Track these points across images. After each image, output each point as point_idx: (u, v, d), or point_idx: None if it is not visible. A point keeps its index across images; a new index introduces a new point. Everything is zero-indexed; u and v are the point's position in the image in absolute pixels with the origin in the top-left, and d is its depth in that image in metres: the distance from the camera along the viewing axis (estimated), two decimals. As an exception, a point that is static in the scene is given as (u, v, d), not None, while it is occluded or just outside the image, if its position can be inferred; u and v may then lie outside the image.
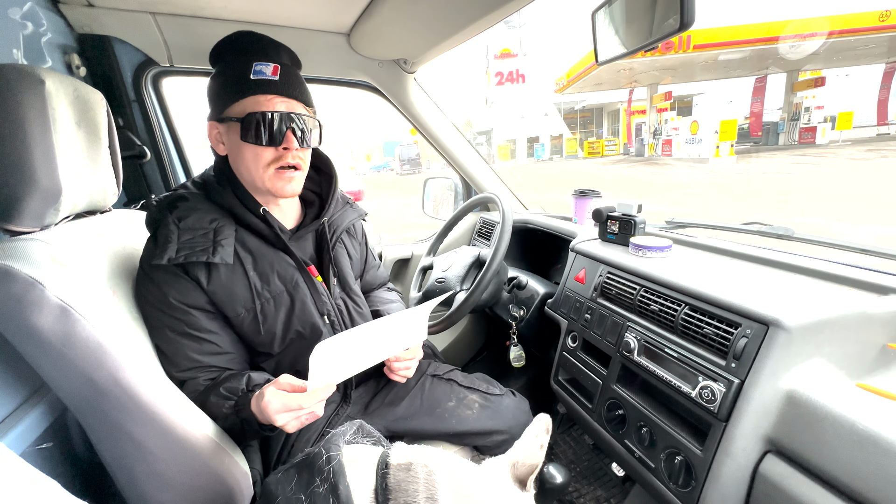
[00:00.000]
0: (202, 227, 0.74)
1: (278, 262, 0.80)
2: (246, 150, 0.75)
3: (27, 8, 0.92)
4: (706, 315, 0.74)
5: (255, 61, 0.74)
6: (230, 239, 0.75)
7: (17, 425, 0.59)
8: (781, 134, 17.52)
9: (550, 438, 1.54)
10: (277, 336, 0.81)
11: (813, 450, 0.57)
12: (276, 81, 0.75)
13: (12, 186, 0.57)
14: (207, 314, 0.76)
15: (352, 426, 0.55)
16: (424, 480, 0.44)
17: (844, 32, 12.99)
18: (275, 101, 0.74)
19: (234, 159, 0.78)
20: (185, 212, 0.75)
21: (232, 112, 0.75)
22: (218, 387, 0.72)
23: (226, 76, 0.76)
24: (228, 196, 0.78)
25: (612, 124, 32.85)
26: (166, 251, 0.70)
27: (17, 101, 0.56)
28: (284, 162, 0.77)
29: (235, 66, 0.75)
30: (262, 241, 0.80)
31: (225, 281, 0.75)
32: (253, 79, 0.73)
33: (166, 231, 0.72)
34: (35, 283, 0.53)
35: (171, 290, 0.72)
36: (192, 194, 0.79)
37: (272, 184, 0.77)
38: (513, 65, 26.65)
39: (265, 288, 0.79)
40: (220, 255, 0.73)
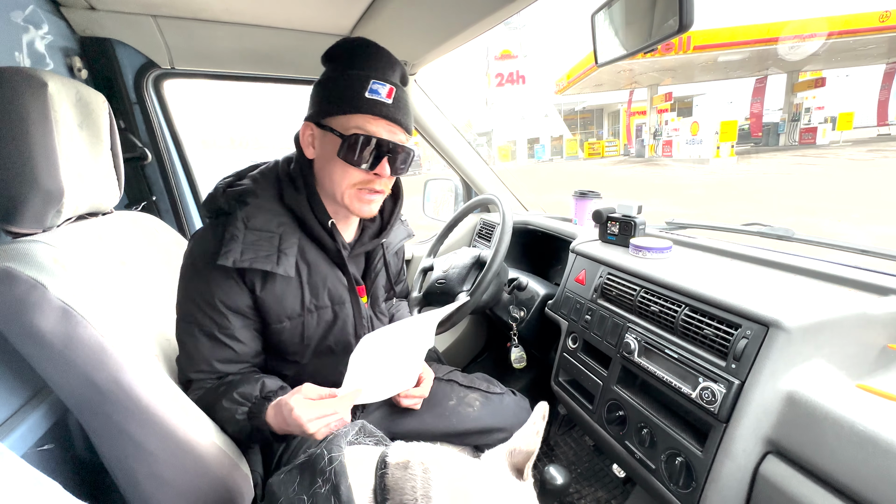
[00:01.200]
0: (268, 229, 0.73)
1: (331, 278, 0.79)
2: (337, 164, 0.73)
3: (29, 11, 0.92)
4: (706, 316, 0.75)
5: (373, 78, 0.72)
6: (294, 248, 0.74)
7: (18, 427, 0.59)
8: (782, 135, 17.53)
9: (551, 439, 1.53)
10: (311, 348, 0.81)
11: (813, 451, 0.57)
12: (388, 105, 0.72)
13: (15, 188, 0.57)
14: (244, 320, 0.75)
15: (353, 427, 0.55)
16: (421, 478, 0.44)
17: (844, 33, 13.00)
18: (381, 125, 0.73)
19: (322, 167, 0.76)
20: (253, 210, 0.73)
21: (335, 124, 0.73)
22: (231, 391, 0.71)
23: (339, 85, 0.73)
24: (302, 202, 0.76)
25: (612, 125, 32.86)
26: (231, 252, 0.68)
27: (20, 103, 0.57)
28: (371, 186, 0.76)
29: (352, 78, 0.72)
30: (320, 253, 0.79)
31: (278, 291, 0.74)
32: (367, 97, 0.71)
33: (233, 229, 0.70)
34: (37, 284, 0.53)
35: (220, 290, 0.71)
36: (264, 190, 0.76)
37: (351, 202, 0.76)
38: (513, 66, 26.66)
39: (313, 302, 0.78)
40: (283, 267, 0.72)
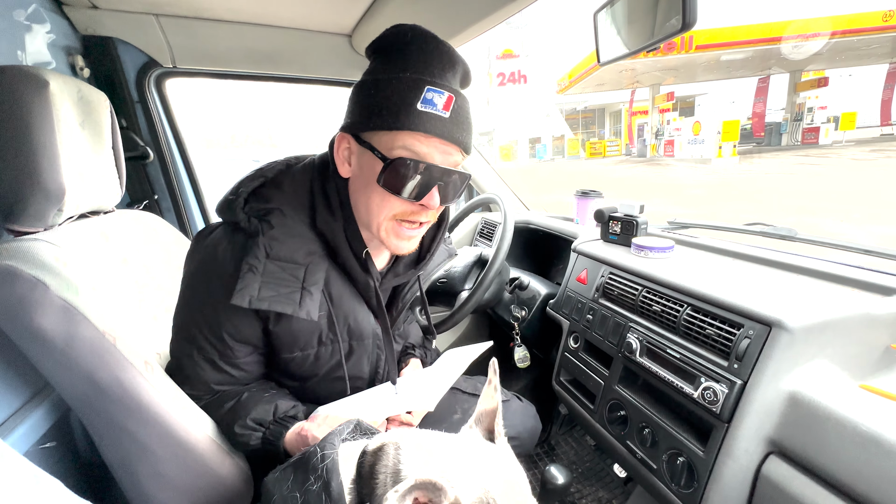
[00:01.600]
0: (294, 261, 0.63)
1: (355, 314, 0.71)
2: (375, 191, 0.62)
3: (31, 10, 0.92)
4: (708, 316, 0.74)
5: (428, 84, 0.58)
6: (320, 284, 0.65)
7: (20, 425, 0.60)
8: (784, 134, 17.47)
9: (552, 439, 1.52)
10: (319, 376, 0.74)
11: (816, 451, 0.57)
12: (444, 120, 0.59)
13: (17, 187, 0.57)
14: (250, 348, 0.68)
15: (349, 425, 0.55)
16: (392, 457, 0.44)
17: (847, 32, 12.95)
18: (434, 145, 0.59)
19: (357, 190, 0.65)
20: (280, 235, 0.62)
21: (377, 141, 0.60)
22: (244, 416, 0.67)
23: (384, 92, 0.59)
24: (337, 230, 0.66)
25: (614, 125, 32.83)
26: (247, 288, 0.59)
27: (22, 102, 0.57)
28: (414, 218, 0.64)
29: (402, 83, 0.58)
30: (347, 286, 0.70)
31: (294, 328, 0.66)
32: (419, 109, 0.57)
33: (253, 259, 0.60)
34: (39, 282, 0.53)
35: (229, 324, 0.64)
36: (291, 209, 0.65)
37: (388, 237, 0.65)
38: (514, 65, 26.63)
39: (329, 336, 0.70)
40: (306, 310, 0.62)
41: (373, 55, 0.65)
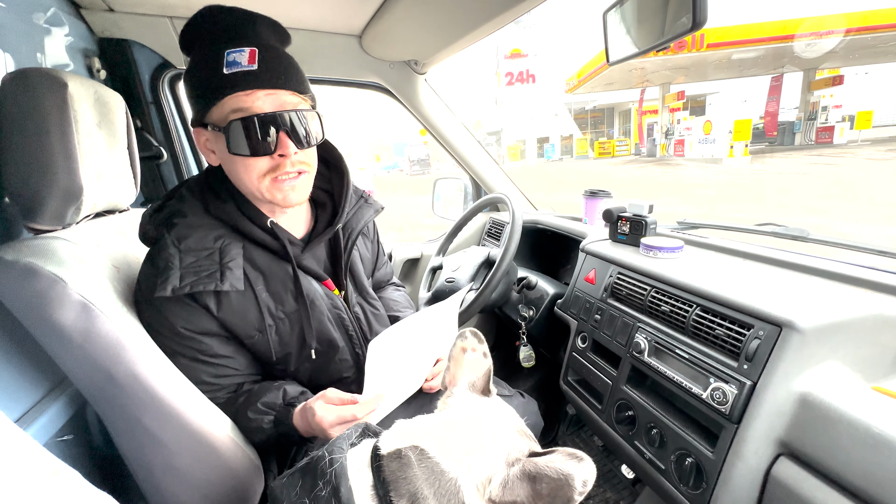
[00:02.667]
0: (206, 247, 0.66)
1: (290, 279, 0.73)
2: (236, 162, 0.65)
3: (51, 13, 0.94)
4: (718, 316, 0.74)
5: (227, 49, 0.61)
6: (238, 259, 0.68)
7: (39, 417, 0.61)
8: (797, 134, 17.20)
9: (560, 439, 1.52)
10: (293, 355, 0.76)
11: (827, 453, 0.57)
12: (254, 72, 0.61)
13: (36, 186, 0.58)
14: (220, 339, 0.71)
15: (357, 429, 0.56)
16: (418, 461, 0.44)
17: (863, 30, 12.69)
18: (257, 96, 0.62)
19: (228, 170, 0.69)
20: (184, 230, 0.66)
21: (212, 117, 0.64)
22: (253, 402, 0.70)
23: (197, 72, 0.64)
24: (231, 209, 0.70)
25: (623, 124, 32.55)
26: (168, 280, 0.62)
27: (42, 103, 0.58)
28: (283, 171, 0.66)
29: (206, 58, 0.62)
30: (272, 257, 0.73)
31: (236, 306, 0.69)
32: (227, 73, 0.61)
33: (166, 255, 0.64)
34: (58, 279, 0.55)
35: (179, 319, 0.66)
36: (191, 207, 0.69)
37: (272, 195, 0.68)
38: (523, 65, 26.55)
39: (279, 308, 0.73)
40: (229, 282, 0.65)
41: (185, 51, 0.69)
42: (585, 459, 0.43)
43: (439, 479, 0.44)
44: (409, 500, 0.42)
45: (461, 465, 0.45)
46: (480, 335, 0.59)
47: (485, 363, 0.57)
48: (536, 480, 0.43)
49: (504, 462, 0.46)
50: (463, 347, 0.58)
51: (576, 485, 0.42)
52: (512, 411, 0.53)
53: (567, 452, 0.43)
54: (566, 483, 0.42)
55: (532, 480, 0.43)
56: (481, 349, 0.58)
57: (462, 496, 0.43)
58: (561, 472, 0.42)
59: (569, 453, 0.43)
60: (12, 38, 0.82)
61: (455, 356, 0.58)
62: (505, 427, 0.50)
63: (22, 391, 0.62)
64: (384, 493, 0.43)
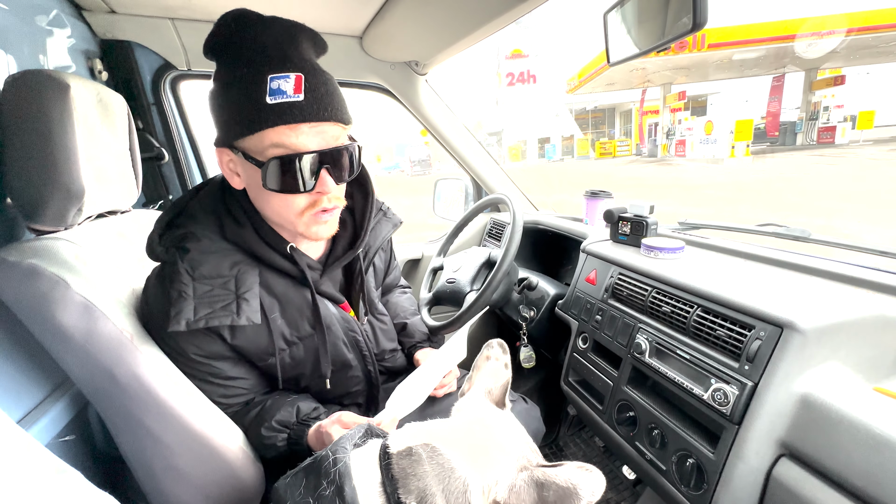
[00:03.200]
0: (221, 274, 0.63)
1: (307, 305, 0.71)
2: (272, 196, 0.61)
3: (53, 15, 0.95)
4: (719, 317, 0.74)
5: (269, 73, 0.55)
6: (255, 289, 0.65)
7: (41, 418, 0.61)
8: (799, 134, 17.17)
9: (561, 440, 1.52)
10: (306, 376, 0.76)
11: (828, 454, 0.56)
12: (299, 104, 0.56)
13: (39, 187, 0.59)
14: (231, 361, 0.70)
15: (360, 429, 0.56)
16: (429, 458, 0.45)
17: (864, 30, 12.67)
18: (301, 131, 0.57)
19: (257, 198, 0.64)
20: (198, 256, 0.62)
21: (247, 146, 0.58)
22: (268, 419, 0.70)
23: (233, 93, 0.57)
24: (249, 235, 0.66)
25: (624, 125, 32.54)
26: (182, 313, 0.59)
27: (44, 105, 0.58)
28: (321, 207, 0.63)
29: (244, 80, 0.56)
30: (289, 282, 0.70)
31: (251, 335, 0.67)
32: (270, 102, 0.55)
33: (179, 285, 0.60)
34: (60, 280, 0.55)
35: (191, 346, 0.65)
36: (204, 229, 0.64)
37: (307, 230, 0.64)
38: (524, 65, 26.55)
39: (294, 334, 0.71)
40: (245, 315, 0.62)
41: (211, 56, 0.61)
42: (594, 471, 0.44)
43: (449, 476, 0.44)
44: (417, 496, 0.43)
45: (471, 465, 0.45)
46: (505, 346, 0.60)
47: (504, 373, 0.58)
48: (544, 488, 0.43)
49: (514, 467, 0.46)
50: (487, 356, 0.60)
51: (583, 494, 0.42)
52: (522, 428, 0.53)
53: (577, 465, 0.44)
54: (574, 492, 0.42)
55: (540, 487, 0.44)
56: (504, 360, 0.59)
57: (469, 496, 0.43)
58: (570, 482, 0.43)
59: (578, 465, 0.44)
60: (14, 39, 0.82)
61: (478, 363, 0.59)
62: (516, 437, 0.51)
63: (24, 392, 0.62)
64: (392, 490, 0.43)
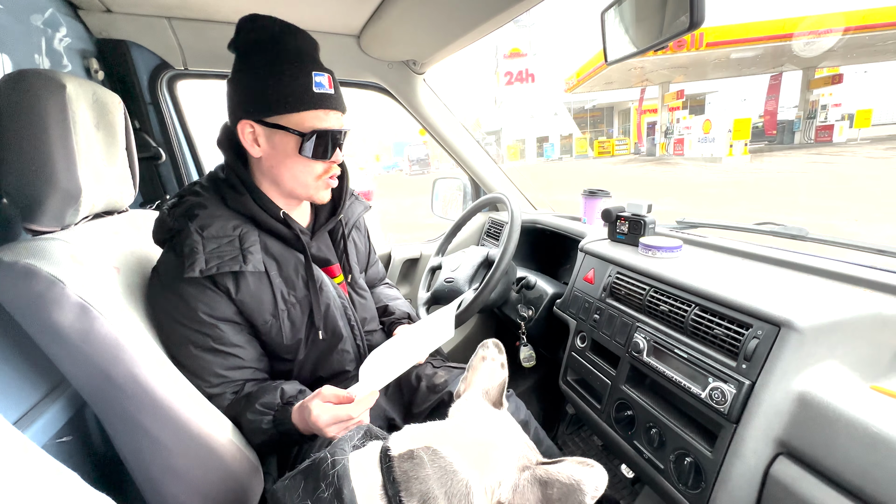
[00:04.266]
0: (226, 234, 0.73)
1: (301, 266, 0.80)
2: (297, 161, 0.74)
3: (48, 14, 0.94)
4: (716, 316, 0.74)
5: (313, 70, 0.72)
6: (257, 245, 0.75)
7: (38, 419, 0.61)
8: (797, 132, 17.19)
9: (559, 439, 1.52)
10: (303, 340, 0.81)
11: (826, 452, 0.57)
12: (333, 96, 0.74)
13: (35, 187, 0.58)
14: (235, 326, 0.75)
15: (359, 431, 0.56)
16: (431, 461, 0.45)
17: (862, 28, 12.68)
18: (331, 116, 0.74)
19: (276, 165, 0.76)
20: (205, 220, 0.72)
21: (287, 122, 0.72)
22: (252, 403, 0.72)
23: (283, 81, 0.71)
24: (248, 202, 0.76)
25: (622, 123, 32.54)
26: (196, 263, 0.68)
27: (40, 105, 0.58)
28: (331, 174, 0.79)
29: (296, 73, 0.71)
30: (284, 245, 0.79)
31: (253, 289, 0.75)
32: (316, 92, 0.72)
33: (190, 242, 0.69)
34: (56, 281, 0.55)
35: (200, 303, 0.71)
36: (209, 200, 0.76)
37: (317, 192, 0.79)
38: (522, 64, 26.55)
39: (291, 293, 0.79)
40: (251, 263, 0.72)
41: (244, 50, 0.74)
42: (596, 466, 0.44)
43: (451, 479, 0.44)
44: (419, 500, 0.42)
45: (473, 467, 0.45)
46: (501, 346, 0.61)
47: (501, 374, 0.59)
48: (547, 486, 0.44)
49: (515, 467, 0.46)
50: (483, 356, 0.60)
51: (587, 489, 0.42)
52: (519, 427, 0.54)
53: (577, 460, 0.44)
54: (577, 488, 0.43)
55: (543, 486, 0.44)
56: (500, 360, 0.60)
57: (472, 498, 0.43)
58: (573, 478, 0.43)
59: (579, 461, 0.44)
60: (10, 39, 0.82)
61: (474, 364, 0.60)
62: (515, 436, 0.51)
63: (20, 392, 0.62)
64: (394, 493, 0.43)
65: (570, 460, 0.45)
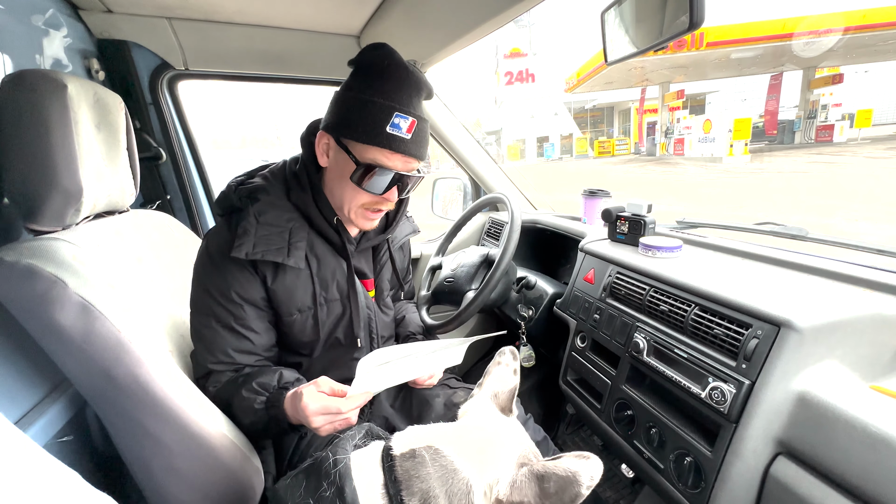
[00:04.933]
0: (279, 224, 0.75)
1: (339, 272, 0.82)
2: (348, 184, 0.75)
3: (49, 15, 0.95)
4: (716, 315, 0.74)
5: (396, 111, 0.71)
6: (303, 242, 0.77)
7: (39, 418, 0.61)
8: (797, 132, 17.17)
9: (559, 439, 1.52)
10: (321, 341, 0.83)
11: (825, 452, 0.57)
12: (406, 141, 0.73)
13: (36, 187, 0.59)
14: (258, 311, 0.77)
15: (360, 430, 0.56)
16: (432, 460, 0.45)
17: (862, 28, 12.67)
18: (398, 159, 0.74)
19: (333, 180, 0.78)
20: (264, 206, 0.76)
21: (353, 147, 0.73)
22: (250, 380, 0.73)
23: (361, 112, 0.72)
24: (308, 200, 0.79)
25: (622, 123, 32.51)
26: (244, 245, 0.71)
27: (41, 105, 0.58)
28: (377, 208, 0.79)
29: (376, 108, 0.71)
30: (328, 248, 0.82)
31: (289, 282, 0.77)
32: (389, 132, 0.71)
33: (246, 224, 0.73)
34: (57, 280, 0.55)
35: (236, 282, 0.74)
36: (272, 187, 0.79)
37: (356, 219, 0.79)
38: (522, 64, 26.54)
39: (322, 295, 0.81)
40: (293, 258, 0.75)
41: (355, 68, 0.77)
42: (592, 457, 0.44)
43: (452, 478, 0.44)
44: (420, 498, 0.43)
45: (474, 466, 0.45)
46: (516, 353, 0.62)
47: (512, 379, 0.59)
48: (544, 479, 0.44)
49: (514, 464, 0.46)
50: (498, 362, 0.61)
51: (583, 480, 0.43)
52: (525, 433, 0.54)
53: (574, 454, 0.44)
54: (574, 479, 0.43)
55: (540, 480, 0.44)
56: (513, 366, 0.60)
57: (472, 497, 0.44)
58: (569, 470, 0.43)
59: (576, 454, 0.44)
60: (11, 39, 0.82)
61: (489, 369, 0.61)
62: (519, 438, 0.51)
63: (22, 392, 0.62)
64: (395, 491, 0.43)
65: (568, 455, 0.45)
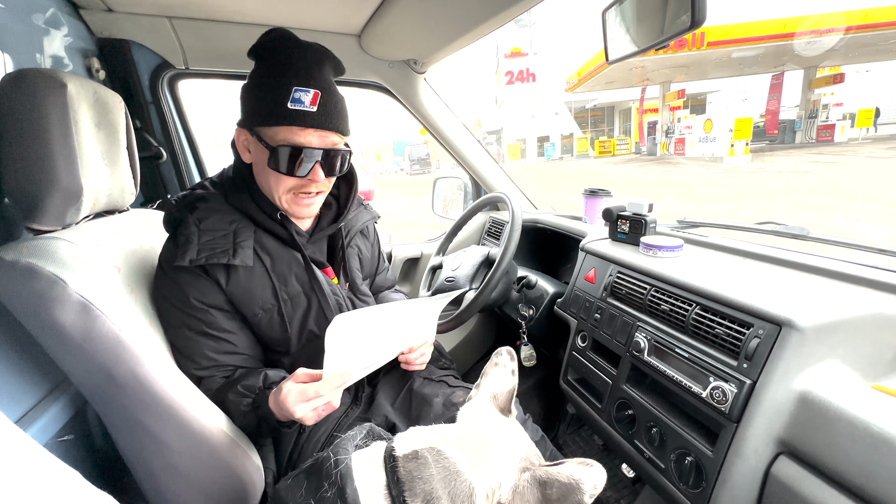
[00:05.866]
0: (222, 228, 0.75)
1: (296, 265, 0.81)
2: (270, 173, 0.75)
3: (50, 14, 0.94)
4: (717, 315, 0.74)
5: (295, 85, 0.69)
6: (249, 241, 0.76)
7: (40, 417, 0.61)
8: (798, 132, 17.16)
9: (560, 438, 1.52)
10: (293, 336, 0.82)
11: (826, 452, 0.57)
12: (312, 114, 0.70)
13: (36, 187, 0.58)
14: (226, 314, 0.77)
15: (361, 430, 0.56)
16: (435, 461, 0.45)
17: (863, 27, 12.64)
18: (309, 134, 0.72)
19: (258, 172, 0.78)
20: (204, 213, 0.76)
21: (263, 134, 0.73)
22: (235, 384, 0.73)
23: (261, 93, 0.71)
24: (247, 201, 0.79)
25: (623, 123, 32.49)
26: (187, 252, 0.71)
27: (41, 104, 0.58)
28: (306, 190, 0.77)
29: (273, 87, 0.70)
30: (279, 243, 0.81)
31: (244, 282, 0.77)
32: (290, 108, 0.69)
33: (187, 232, 0.73)
34: (57, 280, 0.55)
35: (192, 289, 0.73)
36: (211, 195, 0.79)
37: (289, 206, 0.78)
38: (523, 64, 26.52)
39: (283, 289, 0.80)
40: (239, 258, 0.74)
41: (253, 59, 0.76)
42: (595, 465, 0.44)
43: (455, 479, 0.44)
44: (423, 499, 0.43)
45: (476, 467, 0.45)
46: (514, 353, 0.62)
47: (510, 380, 0.59)
48: (547, 486, 0.44)
49: (517, 468, 0.46)
50: (496, 363, 0.61)
51: (586, 488, 0.43)
52: (525, 434, 0.54)
53: (578, 461, 0.44)
54: (576, 487, 0.43)
55: (542, 486, 0.44)
56: (511, 367, 0.61)
57: (475, 499, 0.44)
58: (572, 477, 0.43)
59: (579, 461, 0.44)
60: (11, 38, 0.82)
61: (487, 370, 0.60)
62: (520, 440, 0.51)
63: (22, 391, 0.62)
64: (398, 492, 0.43)
65: (570, 461, 0.45)
